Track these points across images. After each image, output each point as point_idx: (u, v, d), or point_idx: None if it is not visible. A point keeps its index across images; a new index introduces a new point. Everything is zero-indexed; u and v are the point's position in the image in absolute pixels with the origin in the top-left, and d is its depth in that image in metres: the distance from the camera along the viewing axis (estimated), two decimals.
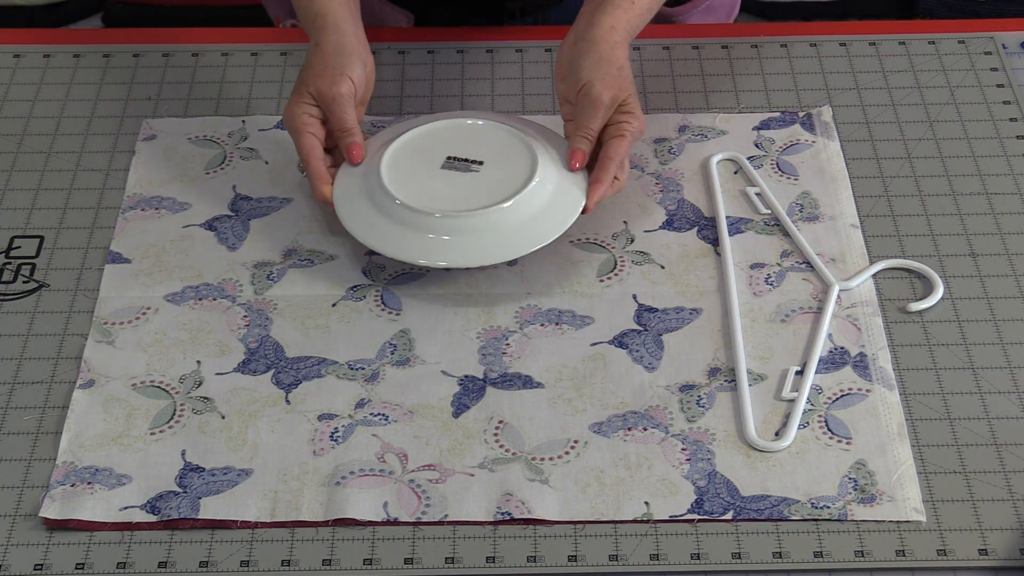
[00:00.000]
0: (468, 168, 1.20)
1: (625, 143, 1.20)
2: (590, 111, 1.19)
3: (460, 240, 1.16)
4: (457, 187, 1.19)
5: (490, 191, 1.18)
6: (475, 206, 1.16)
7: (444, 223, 1.15)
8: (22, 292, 1.20)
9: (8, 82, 1.41)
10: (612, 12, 1.23)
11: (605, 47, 1.21)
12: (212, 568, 1.01)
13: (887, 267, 1.21)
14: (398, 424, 1.10)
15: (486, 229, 1.16)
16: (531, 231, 1.17)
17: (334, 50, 1.21)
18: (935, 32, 1.45)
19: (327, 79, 1.20)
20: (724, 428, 1.09)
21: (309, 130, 1.20)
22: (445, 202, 1.17)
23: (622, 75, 1.21)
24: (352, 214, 1.19)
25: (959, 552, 1.01)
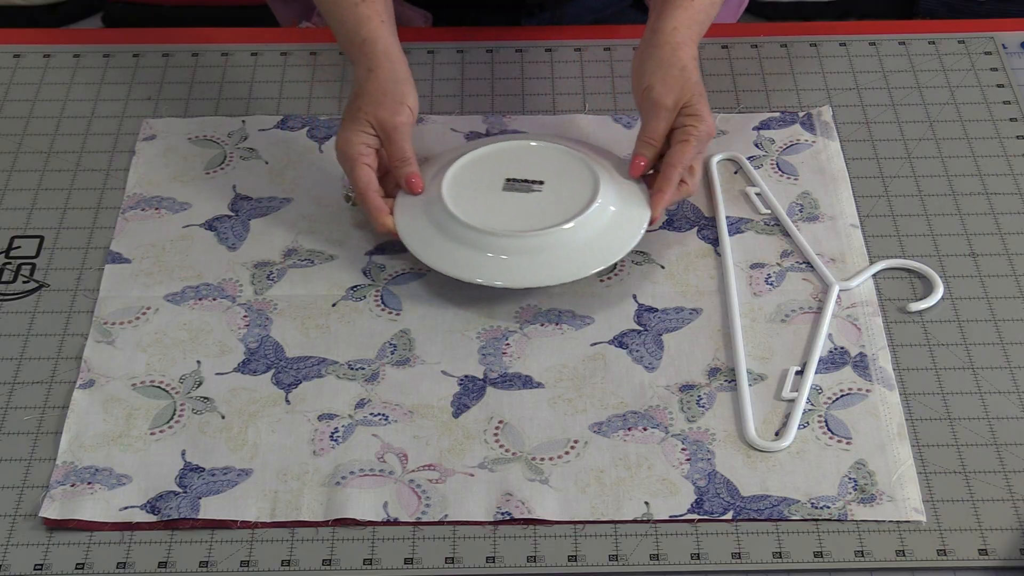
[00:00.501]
0: (529, 189, 1.19)
1: (690, 148, 1.18)
2: (652, 115, 1.18)
3: (524, 260, 1.15)
4: (520, 208, 1.18)
5: (553, 211, 1.17)
6: (539, 226, 1.15)
7: (510, 243, 1.15)
8: (22, 292, 1.20)
9: (8, 82, 1.41)
10: (673, 13, 1.21)
11: (667, 49, 1.20)
12: (212, 568, 1.01)
13: (887, 267, 1.21)
14: (398, 424, 1.10)
15: (550, 249, 1.15)
16: (596, 251, 1.16)
17: (390, 77, 1.20)
18: (935, 32, 1.45)
19: (388, 108, 1.18)
20: (724, 428, 1.09)
21: (365, 161, 1.18)
22: (510, 222, 1.16)
23: (685, 76, 1.19)
24: (417, 239, 1.17)
25: (959, 552, 1.01)
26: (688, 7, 1.22)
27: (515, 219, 1.16)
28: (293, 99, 1.38)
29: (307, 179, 1.29)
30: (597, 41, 1.44)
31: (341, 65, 1.42)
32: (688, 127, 1.18)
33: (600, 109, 1.37)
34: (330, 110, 1.37)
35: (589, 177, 1.19)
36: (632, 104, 1.36)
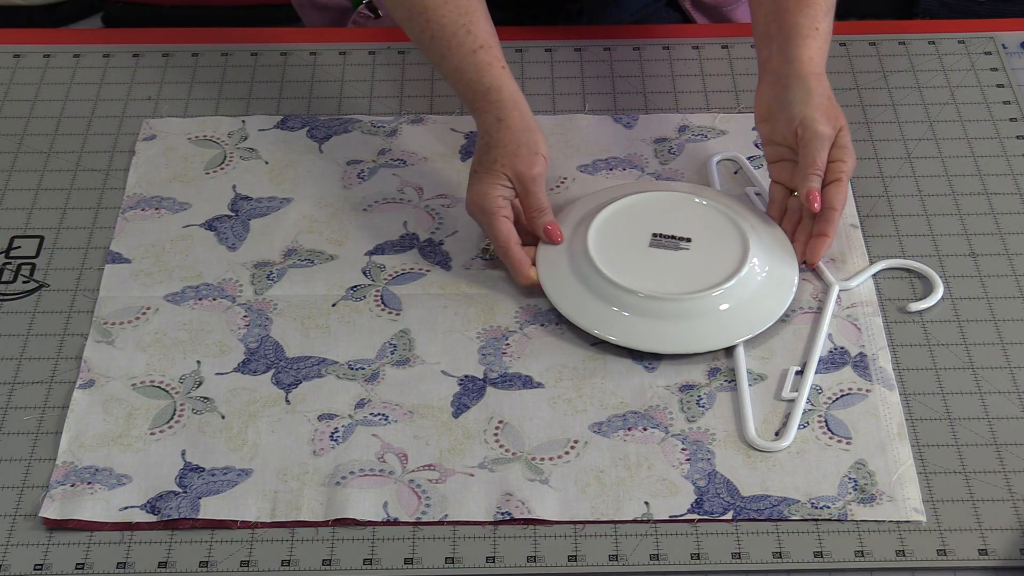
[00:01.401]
0: (676, 246, 1.17)
1: (843, 188, 1.17)
2: (816, 146, 1.16)
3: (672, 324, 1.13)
4: (669, 267, 1.15)
5: (702, 273, 1.14)
6: (687, 289, 1.13)
7: (660, 306, 1.13)
8: (22, 292, 1.20)
9: (8, 82, 1.41)
10: (805, 43, 1.19)
11: (812, 80, 1.18)
12: (212, 568, 1.01)
13: (887, 267, 1.21)
14: (398, 424, 1.10)
15: (699, 315, 1.13)
16: (746, 317, 1.14)
17: (522, 127, 1.17)
18: (935, 32, 1.45)
19: (524, 160, 1.16)
20: (724, 428, 1.09)
21: (504, 214, 1.16)
22: (658, 283, 1.13)
23: (833, 104, 1.18)
24: (560, 293, 1.15)
25: (959, 552, 1.01)
26: (816, 36, 1.20)
27: (661, 279, 1.14)
28: (293, 99, 1.38)
29: (307, 179, 1.29)
30: (599, 42, 1.44)
31: (341, 66, 1.42)
32: (838, 163, 1.17)
33: (600, 109, 1.37)
34: (330, 110, 1.37)
35: (738, 236, 1.17)
36: (633, 104, 1.36)
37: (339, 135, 1.34)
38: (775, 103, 1.19)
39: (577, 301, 1.15)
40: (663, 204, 1.20)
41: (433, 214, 1.26)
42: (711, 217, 1.19)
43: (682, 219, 1.19)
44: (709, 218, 1.19)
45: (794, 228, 1.20)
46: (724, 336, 1.13)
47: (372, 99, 1.38)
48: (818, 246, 1.17)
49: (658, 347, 1.13)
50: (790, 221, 1.21)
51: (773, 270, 1.16)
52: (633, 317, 1.13)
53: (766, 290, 1.16)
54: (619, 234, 1.18)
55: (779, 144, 1.20)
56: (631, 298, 1.13)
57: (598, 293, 1.14)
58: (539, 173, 1.16)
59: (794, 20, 1.21)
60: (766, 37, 1.23)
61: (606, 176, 1.29)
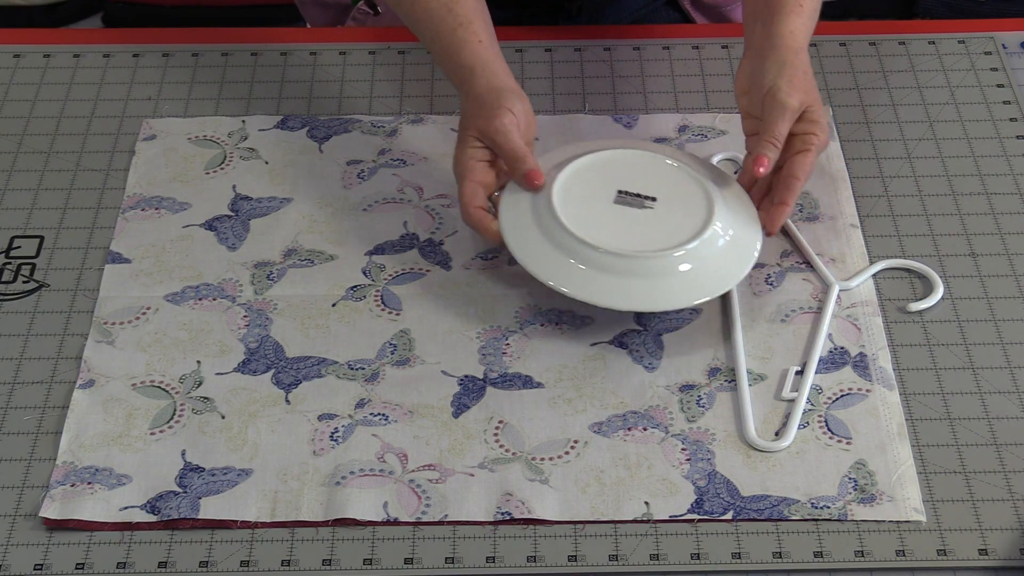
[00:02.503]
0: (641, 204, 1.16)
1: (810, 159, 1.16)
2: (776, 115, 1.16)
3: (630, 282, 1.12)
4: (632, 224, 1.15)
5: (664, 233, 1.14)
6: (649, 248, 1.13)
7: (627, 264, 1.12)
8: (22, 292, 1.20)
9: (8, 82, 1.41)
10: (788, 18, 1.19)
11: (788, 52, 1.18)
12: (212, 568, 1.01)
13: (887, 267, 1.21)
14: (398, 424, 1.10)
15: (659, 274, 1.12)
16: (705, 280, 1.13)
17: (486, 90, 1.18)
18: (935, 32, 1.45)
19: (486, 116, 1.16)
20: (724, 428, 1.09)
21: (474, 177, 1.17)
22: (623, 240, 1.13)
23: (807, 79, 1.18)
24: (520, 242, 1.15)
25: (959, 552, 1.01)
26: (800, 12, 1.20)
27: (623, 236, 1.13)
28: (293, 99, 1.38)
29: (307, 179, 1.29)
30: (599, 42, 1.44)
31: (341, 66, 1.42)
32: (809, 135, 1.16)
33: (600, 109, 1.37)
34: (330, 110, 1.37)
35: (703, 199, 1.16)
36: (633, 104, 1.36)
37: (339, 135, 1.34)
38: (752, 75, 1.20)
39: (537, 251, 1.14)
40: (632, 162, 1.20)
41: (433, 214, 1.26)
42: (679, 179, 1.19)
43: (650, 178, 1.18)
44: (677, 179, 1.19)
45: (761, 198, 1.19)
46: (682, 297, 1.13)
47: (372, 99, 1.38)
48: (776, 214, 1.16)
49: (614, 303, 1.12)
50: (758, 191, 1.20)
51: (737, 235, 1.16)
52: (591, 271, 1.12)
53: (728, 255, 1.15)
54: (585, 189, 1.17)
55: (754, 117, 1.20)
56: (590, 252, 1.12)
57: (558, 245, 1.13)
58: (503, 124, 1.16)
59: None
60: (753, 15, 1.24)
61: None
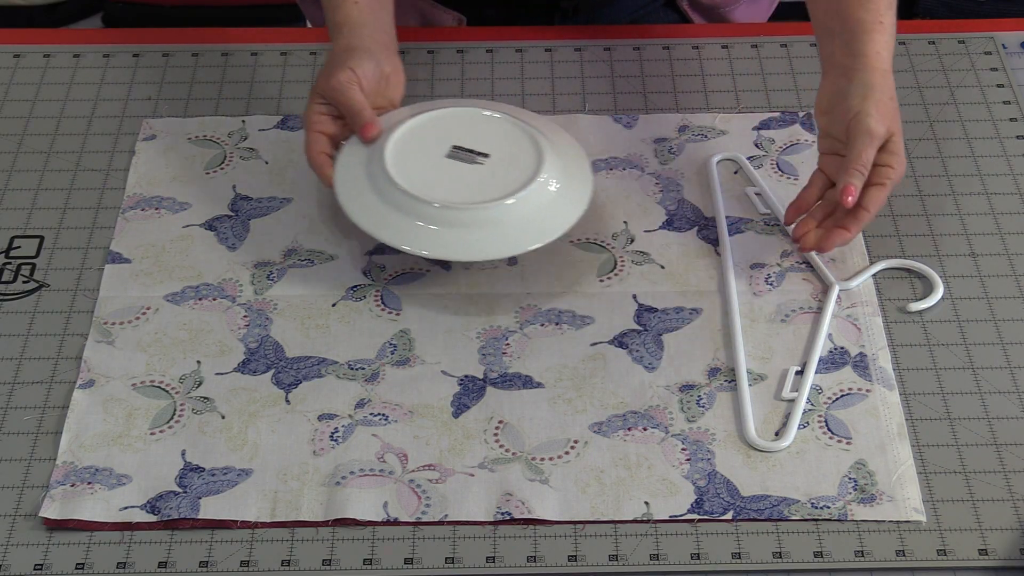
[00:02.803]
0: (473, 159, 1.19)
1: (884, 193, 1.14)
2: (864, 142, 1.13)
3: (459, 233, 1.15)
4: (461, 178, 1.18)
5: (494, 185, 1.17)
6: (478, 199, 1.16)
7: (444, 214, 1.15)
8: (22, 292, 1.20)
9: (8, 82, 1.41)
10: (872, 37, 1.17)
11: (876, 75, 1.16)
12: (212, 568, 1.01)
13: (887, 267, 1.21)
14: (398, 424, 1.10)
15: (486, 224, 1.15)
16: (532, 229, 1.16)
17: (341, 50, 1.22)
18: (935, 32, 1.45)
19: (328, 76, 1.21)
20: (724, 428, 1.09)
21: (316, 128, 1.21)
22: (447, 192, 1.16)
23: (893, 105, 1.16)
24: (352, 196, 1.18)
25: (959, 552, 1.01)
26: (882, 30, 1.18)
27: (455, 190, 1.16)
28: (293, 99, 1.38)
29: (307, 179, 1.29)
30: (599, 42, 1.44)
31: None
32: (885, 168, 1.14)
33: (600, 109, 1.37)
34: None
35: (534, 152, 1.19)
36: (633, 104, 1.36)
37: None
38: (837, 94, 1.17)
39: (365, 204, 1.17)
40: (468, 120, 1.23)
41: None
42: (513, 135, 1.21)
43: (484, 136, 1.21)
44: (511, 136, 1.21)
45: (825, 217, 1.18)
46: (513, 245, 1.15)
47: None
48: (835, 236, 1.15)
49: (448, 255, 1.15)
50: (823, 210, 1.18)
51: (567, 184, 1.18)
52: (416, 223, 1.15)
53: (557, 204, 1.17)
54: (420, 145, 1.20)
55: (834, 138, 1.18)
56: (416, 204, 1.15)
57: (387, 198, 1.16)
58: (339, 81, 1.20)
59: (857, 15, 1.18)
60: (828, 32, 1.21)
61: (606, 176, 1.29)
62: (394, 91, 1.24)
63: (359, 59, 1.21)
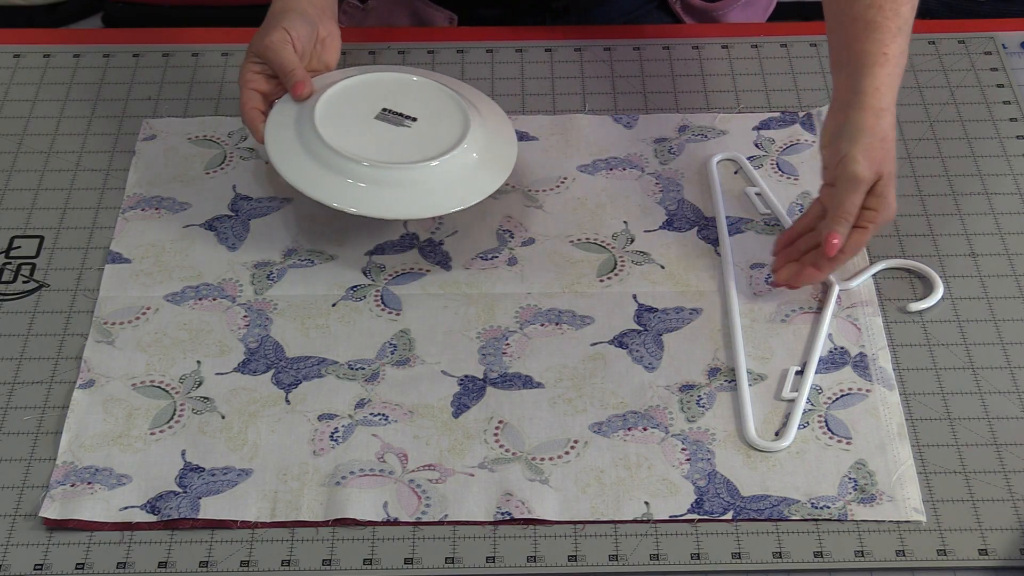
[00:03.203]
0: (401, 122, 1.22)
1: (865, 237, 1.13)
2: (850, 188, 1.11)
3: (384, 191, 1.17)
4: (387, 139, 1.20)
5: (417, 147, 1.19)
6: (402, 160, 1.18)
7: (371, 172, 1.17)
8: (22, 292, 1.20)
9: (8, 82, 1.41)
10: (872, 71, 1.14)
11: (870, 114, 1.13)
12: (212, 568, 1.01)
13: (887, 267, 1.21)
14: (398, 424, 1.10)
15: (411, 184, 1.17)
16: (456, 192, 1.18)
17: (277, 11, 1.26)
18: (935, 32, 1.45)
19: (261, 35, 1.24)
20: (724, 428, 1.09)
21: (250, 85, 1.24)
22: (373, 152, 1.18)
23: (885, 148, 1.13)
24: (281, 153, 1.20)
25: (959, 552, 1.01)
26: (885, 63, 1.14)
27: (379, 149, 1.19)
28: None
29: None
30: (599, 42, 1.44)
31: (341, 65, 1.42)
32: (870, 211, 1.12)
33: (600, 109, 1.37)
34: None
35: (461, 118, 1.22)
36: (633, 104, 1.36)
37: None
38: (836, 131, 1.14)
39: (294, 161, 1.19)
40: (398, 85, 1.26)
41: None
42: (441, 101, 1.24)
43: (413, 100, 1.24)
44: (439, 102, 1.24)
45: (808, 250, 1.17)
46: (430, 206, 1.18)
47: None
48: (806, 274, 1.14)
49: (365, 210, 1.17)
50: (807, 241, 1.17)
51: (491, 150, 1.21)
52: (346, 182, 1.17)
53: (482, 167, 1.20)
54: (350, 107, 1.23)
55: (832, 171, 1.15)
56: (343, 162, 1.17)
57: (316, 156, 1.18)
58: (272, 41, 1.23)
59: (862, 47, 1.15)
60: (838, 65, 1.19)
61: (606, 176, 1.29)
62: (330, 55, 1.28)
63: (293, 20, 1.24)
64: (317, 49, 1.27)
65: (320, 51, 1.27)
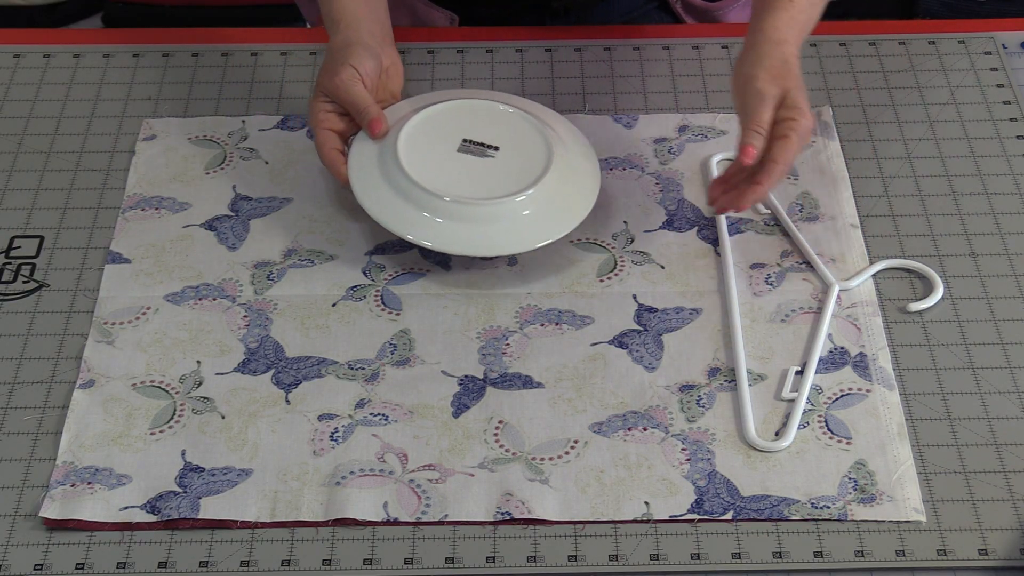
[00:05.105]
0: (484, 153, 1.20)
1: (791, 144, 1.14)
2: (757, 103, 1.15)
3: (468, 228, 1.16)
4: (471, 172, 1.19)
5: (504, 180, 1.18)
6: (488, 195, 1.16)
7: (454, 208, 1.16)
8: (22, 292, 1.20)
9: (8, 82, 1.41)
10: (772, 14, 1.20)
11: (768, 45, 1.18)
12: (212, 568, 1.01)
13: (887, 267, 1.21)
14: (398, 424, 1.10)
15: (496, 220, 1.16)
16: (539, 227, 1.17)
17: (340, 46, 1.23)
18: (935, 32, 1.45)
19: (329, 73, 1.22)
20: (724, 428, 1.09)
21: (324, 125, 1.22)
22: (458, 186, 1.17)
23: (787, 67, 1.17)
24: (367, 191, 1.19)
25: (959, 552, 1.01)
26: (788, 7, 1.20)
27: (465, 184, 1.18)
28: (293, 99, 1.38)
29: (307, 179, 1.29)
30: (599, 42, 1.44)
31: None
32: (788, 120, 1.15)
33: (600, 109, 1.37)
34: None
35: (544, 147, 1.20)
36: (633, 104, 1.36)
37: None
38: (738, 72, 1.19)
39: (381, 198, 1.18)
40: (477, 112, 1.24)
41: None
42: (521, 127, 1.22)
43: (493, 128, 1.22)
44: (519, 128, 1.22)
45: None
46: (526, 240, 1.16)
47: None
48: (748, 192, 1.15)
49: (464, 250, 1.16)
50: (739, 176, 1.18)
51: (577, 180, 1.20)
52: (433, 218, 1.16)
53: (567, 199, 1.19)
54: (430, 138, 1.21)
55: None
56: (430, 199, 1.16)
57: (401, 192, 1.17)
58: (341, 79, 1.21)
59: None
60: (752, 12, 1.24)
61: (606, 176, 1.29)
62: (395, 84, 1.26)
63: (359, 55, 1.22)
64: (383, 79, 1.25)
65: (386, 80, 1.25)
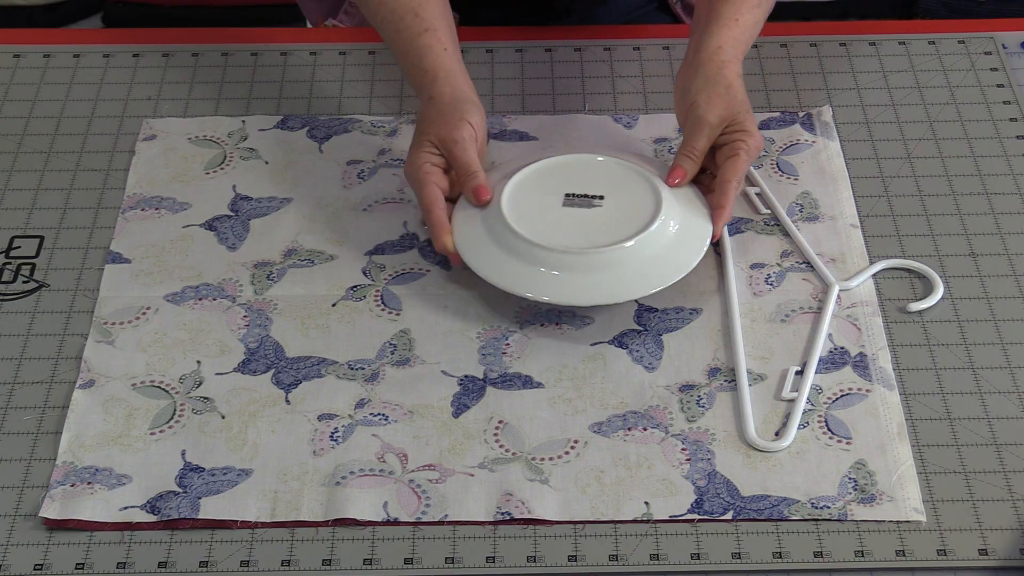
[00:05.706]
0: (590, 204, 1.18)
1: (740, 162, 1.18)
2: (695, 130, 1.19)
3: (582, 278, 1.14)
4: (580, 224, 1.17)
5: (613, 228, 1.16)
6: (599, 243, 1.15)
7: (566, 259, 1.14)
8: (22, 292, 1.20)
9: (8, 82, 1.41)
10: (717, 32, 1.22)
11: (711, 67, 1.20)
12: (212, 568, 1.01)
13: (887, 267, 1.21)
14: (398, 424, 1.10)
15: (611, 267, 1.14)
16: (654, 271, 1.15)
17: (451, 99, 1.20)
18: (935, 32, 1.45)
19: (447, 125, 1.18)
20: (724, 428, 1.09)
21: (432, 180, 1.18)
22: (568, 238, 1.15)
23: (730, 94, 1.20)
24: (473, 251, 1.16)
25: (959, 552, 1.01)
26: (733, 26, 1.22)
27: (574, 235, 1.15)
28: (293, 99, 1.38)
29: (307, 179, 1.29)
30: (599, 42, 1.44)
31: (341, 66, 1.42)
32: (737, 141, 1.19)
33: (600, 109, 1.37)
34: (330, 110, 1.37)
35: (651, 193, 1.18)
36: (632, 104, 1.36)
37: (339, 135, 1.34)
38: (682, 90, 1.22)
39: (488, 258, 1.16)
40: (576, 166, 1.22)
41: None
42: (622, 175, 1.21)
43: (595, 179, 1.20)
44: (621, 176, 1.21)
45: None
46: (641, 286, 1.14)
47: (372, 99, 1.38)
48: (716, 218, 1.18)
49: (577, 300, 1.14)
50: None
51: (687, 223, 1.18)
52: (548, 272, 1.14)
53: (680, 242, 1.17)
54: (534, 194, 1.19)
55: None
56: (540, 252, 1.14)
57: (509, 248, 1.15)
58: (461, 136, 1.18)
59: (719, 9, 1.23)
60: (696, 25, 1.26)
61: None
62: (484, 143, 1.22)
63: (472, 112, 1.20)
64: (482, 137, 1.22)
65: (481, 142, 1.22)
